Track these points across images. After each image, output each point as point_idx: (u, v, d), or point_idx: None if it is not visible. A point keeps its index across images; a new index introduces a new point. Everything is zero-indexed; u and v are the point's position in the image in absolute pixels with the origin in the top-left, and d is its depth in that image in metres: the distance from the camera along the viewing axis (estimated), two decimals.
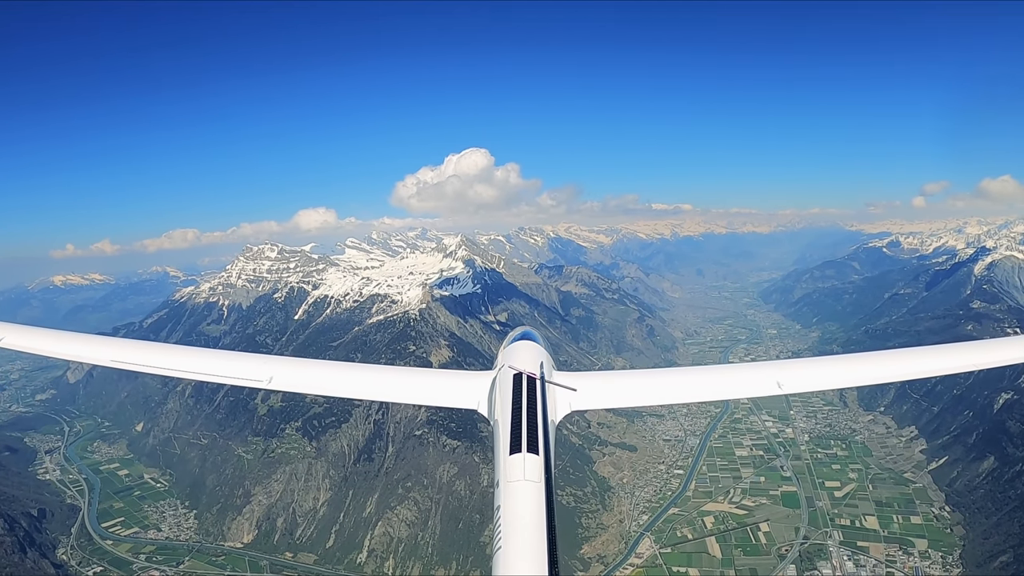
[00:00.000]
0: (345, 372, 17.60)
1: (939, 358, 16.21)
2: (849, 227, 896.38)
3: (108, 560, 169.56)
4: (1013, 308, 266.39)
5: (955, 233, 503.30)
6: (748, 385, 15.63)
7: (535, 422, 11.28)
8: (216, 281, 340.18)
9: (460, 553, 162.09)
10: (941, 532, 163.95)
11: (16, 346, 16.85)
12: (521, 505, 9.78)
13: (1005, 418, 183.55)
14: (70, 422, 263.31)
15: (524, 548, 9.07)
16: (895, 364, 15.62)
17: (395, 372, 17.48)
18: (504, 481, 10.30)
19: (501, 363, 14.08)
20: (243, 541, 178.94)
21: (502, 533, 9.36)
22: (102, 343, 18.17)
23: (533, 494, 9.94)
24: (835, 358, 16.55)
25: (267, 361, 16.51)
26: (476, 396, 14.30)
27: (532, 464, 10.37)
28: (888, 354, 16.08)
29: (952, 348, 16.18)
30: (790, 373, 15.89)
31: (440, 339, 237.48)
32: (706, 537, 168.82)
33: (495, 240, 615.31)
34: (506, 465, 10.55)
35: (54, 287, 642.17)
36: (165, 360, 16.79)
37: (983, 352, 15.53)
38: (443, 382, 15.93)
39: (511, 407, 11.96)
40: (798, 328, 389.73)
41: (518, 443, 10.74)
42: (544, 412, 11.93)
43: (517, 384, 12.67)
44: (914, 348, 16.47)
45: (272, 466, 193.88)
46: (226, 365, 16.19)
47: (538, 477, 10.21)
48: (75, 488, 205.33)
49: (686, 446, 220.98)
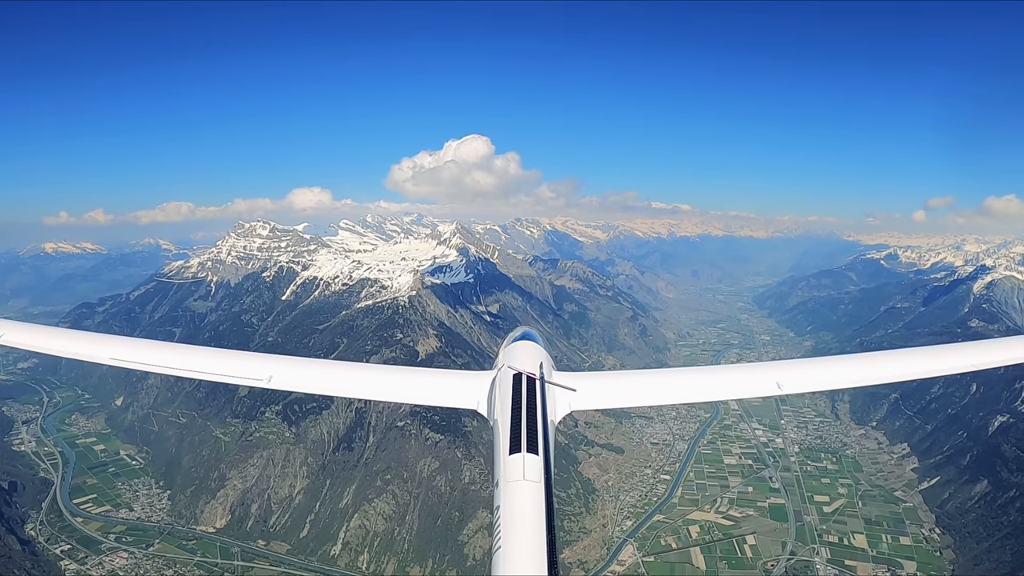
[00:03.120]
0: (345, 371, 17.48)
1: (938, 358, 16.07)
2: (846, 237, 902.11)
3: (77, 538, 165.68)
4: (1012, 328, 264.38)
5: (953, 250, 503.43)
6: (748, 386, 15.41)
7: (535, 422, 11.10)
8: (206, 256, 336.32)
9: (437, 551, 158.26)
10: (931, 555, 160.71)
11: (15, 343, 16.78)
12: (521, 505, 9.52)
13: (1000, 441, 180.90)
14: (50, 393, 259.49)
15: (524, 548, 8.77)
16: (894, 364, 15.41)
17: (395, 372, 17.44)
18: (504, 481, 10.08)
19: (501, 363, 13.92)
20: (215, 526, 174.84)
21: (502, 533, 9.10)
22: (101, 341, 17.87)
23: (533, 494, 9.68)
24: (834, 359, 16.45)
25: (267, 360, 16.16)
26: (476, 396, 14.17)
27: (532, 464, 10.13)
28: (887, 354, 15.98)
29: (951, 348, 16.11)
30: (789, 373, 15.66)
31: (428, 328, 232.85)
32: (691, 547, 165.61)
33: (491, 230, 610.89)
34: (506, 465, 10.32)
35: (45, 254, 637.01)
36: (165, 359, 16.62)
37: (982, 352, 15.35)
38: (443, 382, 15.60)
39: (511, 407, 11.79)
40: (792, 336, 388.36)
41: (518, 443, 10.53)
42: (544, 412, 11.73)
43: (517, 384, 12.54)
44: (913, 348, 16.47)
45: (249, 450, 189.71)
46: (226, 364, 16.03)
47: (538, 477, 9.97)
48: (49, 461, 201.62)
49: (674, 451, 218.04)
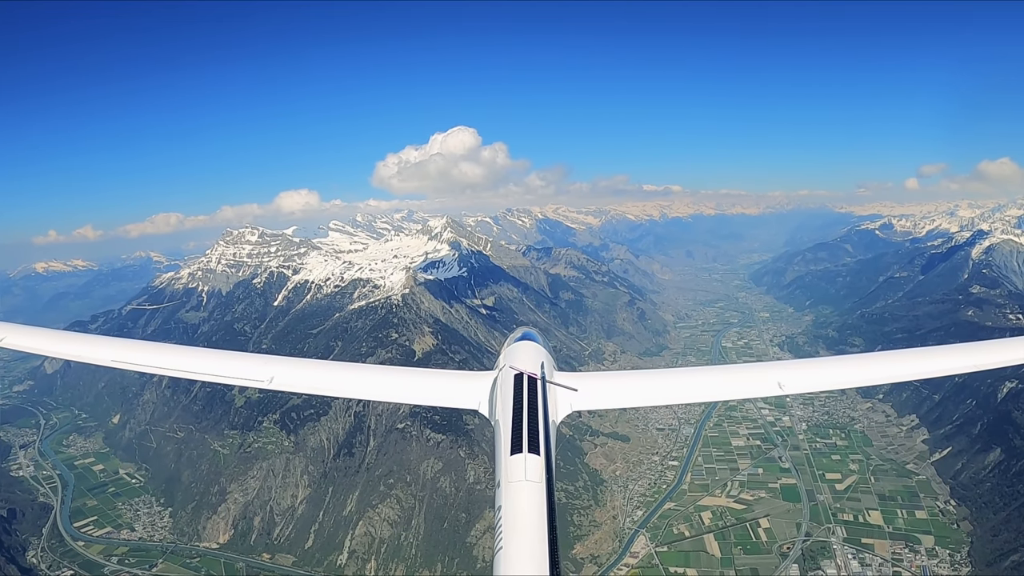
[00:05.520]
0: (346, 372, 17.37)
1: (941, 358, 15.87)
2: (838, 209, 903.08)
3: (79, 563, 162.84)
4: (1014, 293, 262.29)
5: (947, 216, 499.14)
6: (750, 385, 15.27)
7: (536, 422, 11.02)
8: (196, 266, 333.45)
9: (445, 554, 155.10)
10: (947, 528, 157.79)
11: (17, 346, 16.74)
12: (522, 505, 9.54)
13: (1011, 408, 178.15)
14: (46, 414, 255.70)
15: (525, 548, 8.85)
16: (896, 365, 15.30)
17: (397, 372, 17.26)
18: (505, 481, 10.04)
19: (502, 363, 13.85)
20: (219, 541, 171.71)
21: (503, 533, 9.14)
22: (102, 343, 17.71)
23: (534, 494, 9.70)
24: (836, 359, 16.39)
25: (268, 361, 16.09)
26: (477, 396, 14.04)
27: (533, 464, 10.12)
28: (889, 355, 15.97)
29: (954, 349, 15.73)
30: (792, 373, 15.67)
31: (424, 325, 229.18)
32: (704, 535, 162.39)
33: (482, 222, 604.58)
34: (507, 465, 10.26)
35: (36, 274, 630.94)
36: (166, 360, 16.48)
37: (985, 353, 15.04)
38: (444, 382, 15.46)
39: (512, 407, 11.74)
40: (791, 311, 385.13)
41: (519, 443, 10.48)
42: (545, 412, 11.71)
43: (518, 384, 12.44)
44: (918, 349, 16.33)
45: (249, 461, 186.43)
46: (227, 365, 15.96)
47: (539, 477, 9.98)
48: (48, 485, 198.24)
49: (680, 435, 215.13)
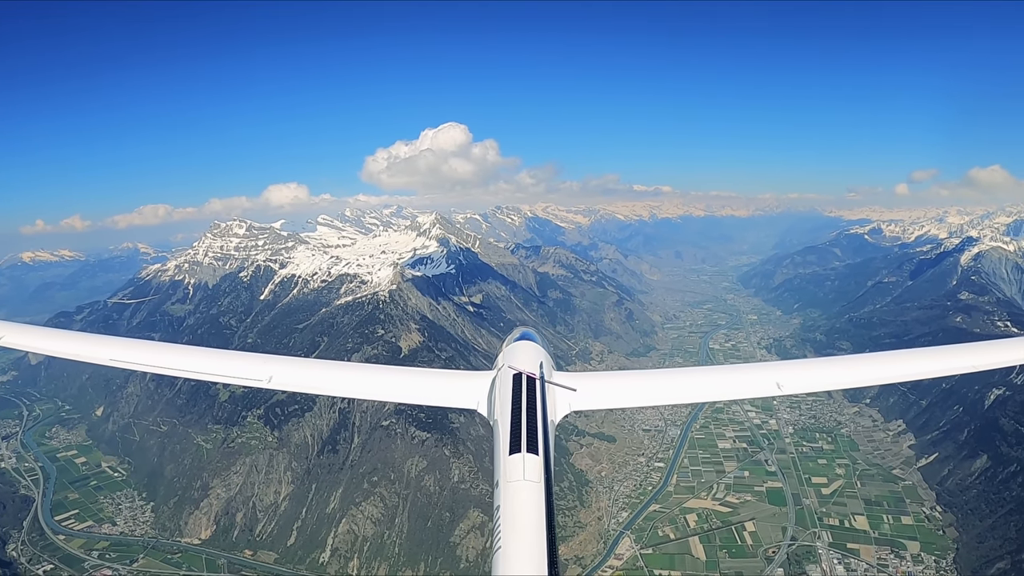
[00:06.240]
0: (345, 372, 17.11)
1: (938, 359, 15.81)
2: (828, 213, 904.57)
3: (59, 557, 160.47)
4: (1002, 300, 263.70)
5: (937, 222, 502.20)
6: (748, 386, 15.09)
7: (535, 422, 10.92)
8: (183, 259, 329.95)
9: (429, 554, 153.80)
10: (933, 534, 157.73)
11: (15, 344, 16.65)
12: (521, 505, 9.45)
13: (998, 415, 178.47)
14: (29, 406, 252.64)
15: (524, 548, 8.77)
16: (893, 365, 15.22)
17: (395, 372, 16.74)
18: (504, 481, 9.95)
19: (501, 363, 13.60)
20: (200, 537, 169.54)
21: (502, 533, 9.07)
22: (101, 342, 17.51)
23: (533, 494, 9.60)
24: (835, 359, 16.19)
25: (267, 360, 15.86)
26: (476, 396, 13.77)
27: (532, 464, 10.02)
28: (886, 355, 15.72)
29: (951, 349, 15.73)
30: (789, 374, 15.43)
31: (410, 322, 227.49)
32: (689, 537, 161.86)
33: (471, 219, 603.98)
34: (506, 465, 10.17)
35: (23, 264, 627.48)
36: (164, 359, 16.37)
37: (983, 353, 15.05)
38: (443, 382, 15.28)
39: (511, 407, 11.59)
40: (779, 314, 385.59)
41: (518, 443, 10.39)
42: (544, 412, 11.54)
43: (517, 384, 12.25)
44: (912, 349, 16.14)
45: (232, 457, 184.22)
46: (225, 364, 15.80)
47: (538, 477, 9.87)
48: (30, 477, 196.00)
49: (666, 436, 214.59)
